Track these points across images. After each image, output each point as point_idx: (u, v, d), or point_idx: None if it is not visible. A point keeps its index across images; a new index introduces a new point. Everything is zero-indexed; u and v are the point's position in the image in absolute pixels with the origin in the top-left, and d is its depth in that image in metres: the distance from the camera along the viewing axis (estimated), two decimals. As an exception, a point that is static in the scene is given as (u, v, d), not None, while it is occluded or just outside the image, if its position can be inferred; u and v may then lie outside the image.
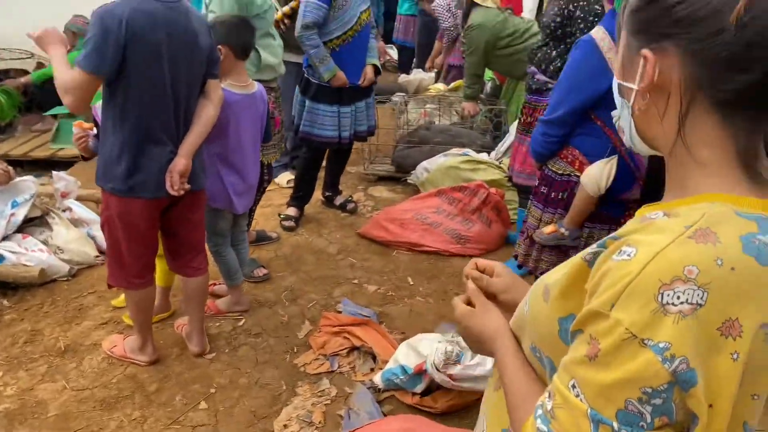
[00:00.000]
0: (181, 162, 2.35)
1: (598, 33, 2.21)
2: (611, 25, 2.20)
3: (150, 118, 2.28)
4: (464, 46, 4.23)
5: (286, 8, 4.19)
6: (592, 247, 0.82)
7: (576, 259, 0.84)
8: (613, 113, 0.93)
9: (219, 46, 2.54)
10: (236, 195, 2.87)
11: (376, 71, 3.94)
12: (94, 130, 2.69)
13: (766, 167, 0.79)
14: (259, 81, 3.06)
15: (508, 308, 1.11)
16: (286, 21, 4.17)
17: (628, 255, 0.73)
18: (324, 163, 4.25)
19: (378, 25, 6.80)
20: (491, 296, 1.15)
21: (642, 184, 2.19)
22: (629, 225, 0.81)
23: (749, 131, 0.77)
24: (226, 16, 2.75)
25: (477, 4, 4.07)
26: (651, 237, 0.73)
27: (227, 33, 2.64)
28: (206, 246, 2.81)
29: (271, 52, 3.27)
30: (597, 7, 2.90)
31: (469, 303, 1.11)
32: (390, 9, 7.38)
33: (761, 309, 0.71)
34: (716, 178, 0.78)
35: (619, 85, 0.87)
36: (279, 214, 4.10)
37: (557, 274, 0.88)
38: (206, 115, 2.43)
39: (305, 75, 3.83)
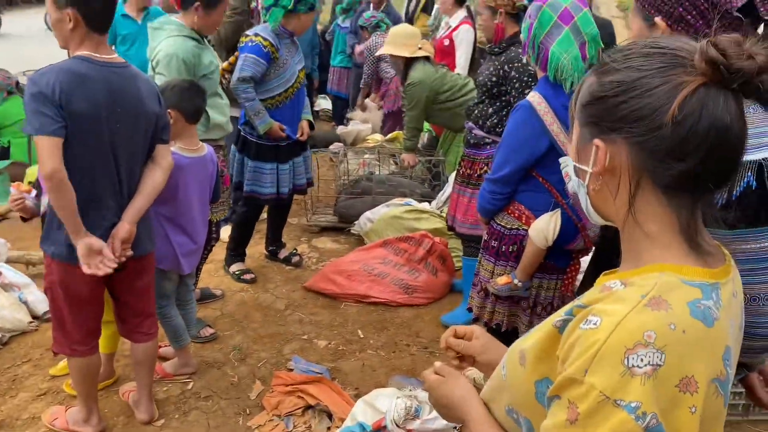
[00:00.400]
0: (124, 228, 2.30)
1: (534, 98, 2.37)
2: (545, 89, 2.37)
3: (91, 183, 2.23)
4: (405, 101, 4.38)
5: (225, 64, 4.22)
6: (561, 315, 0.91)
7: (547, 326, 0.93)
8: (561, 160, 1.03)
9: (169, 111, 2.53)
10: (184, 255, 2.82)
11: (310, 125, 4.03)
12: (33, 192, 2.61)
13: (705, 239, 0.92)
14: (208, 140, 3.07)
15: (487, 368, 1.19)
16: (226, 76, 4.20)
17: (594, 324, 0.82)
18: (264, 216, 4.25)
19: (314, 78, 6.93)
20: (470, 359, 1.22)
21: (594, 248, 2.32)
22: (592, 293, 0.90)
23: (689, 209, 0.89)
24: (176, 81, 2.75)
25: (414, 61, 4.24)
26: (612, 306, 0.83)
27: (178, 98, 2.64)
28: (154, 308, 2.74)
29: (220, 111, 3.29)
30: (530, 68, 3.08)
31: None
32: (324, 62, 7.54)
33: (711, 365, 0.82)
34: (664, 249, 0.89)
35: (575, 166, 0.97)
36: (234, 273, 4.04)
37: (531, 340, 0.95)
38: (153, 180, 2.39)
39: (241, 133, 3.85)
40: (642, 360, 0.77)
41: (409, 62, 4.29)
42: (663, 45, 0.87)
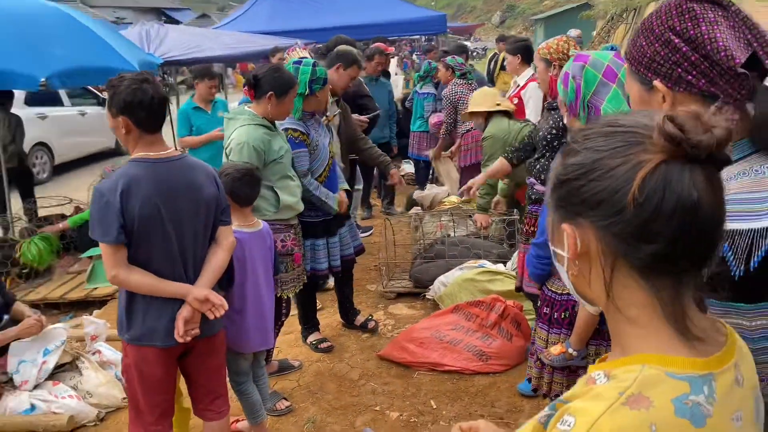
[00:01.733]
0: (186, 309, 2.40)
1: None
2: None
3: (157, 271, 2.37)
4: (484, 155, 4.44)
5: None
6: (546, 410, 0.87)
7: (534, 421, 0.89)
8: None
9: None
10: (255, 334, 2.93)
11: (348, 194, 4.12)
12: None
13: (695, 323, 0.83)
14: (278, 220, 3.26)
15: None
16: None
17: (569, 425, 0.77)
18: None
19: (392, 145, 7.13)
20: None
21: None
22: (578, 386, 0.86)
23: (672, 291, 0.82)
24: (231, 169, 2.90)
25: (493, 116, 4.31)
26: (587, 405, 0.78)
27: (230, 186, 2.79)
28: (228, 385, 2.84)
29: (290, 192, 3.43)
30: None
31: None
32: (403, 128, 7.74)
33: None
34: (647, 336, 0.83)
35: (552, 251, 0.94)
36: (311, 343, 4.12)
37: None
38: (216, 261, 2.52)
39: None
40: None
41: (488, 117, 4.38)
42: (622, 123, 0.83)
